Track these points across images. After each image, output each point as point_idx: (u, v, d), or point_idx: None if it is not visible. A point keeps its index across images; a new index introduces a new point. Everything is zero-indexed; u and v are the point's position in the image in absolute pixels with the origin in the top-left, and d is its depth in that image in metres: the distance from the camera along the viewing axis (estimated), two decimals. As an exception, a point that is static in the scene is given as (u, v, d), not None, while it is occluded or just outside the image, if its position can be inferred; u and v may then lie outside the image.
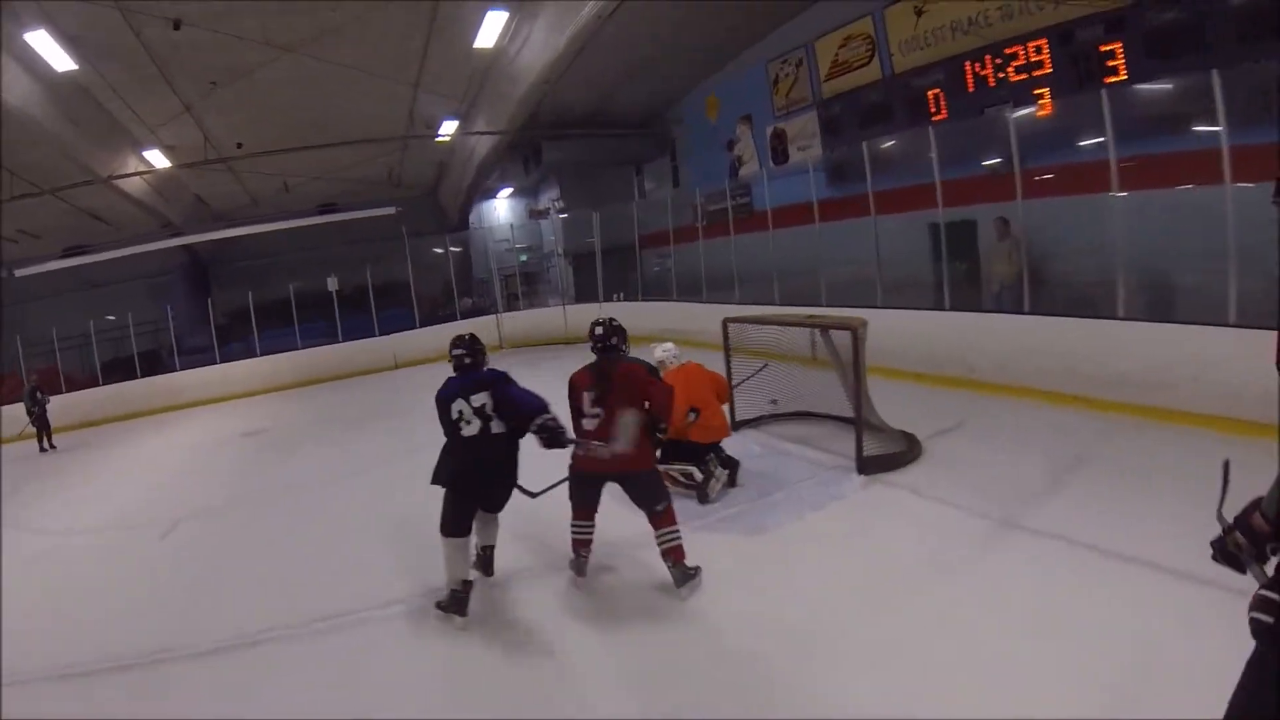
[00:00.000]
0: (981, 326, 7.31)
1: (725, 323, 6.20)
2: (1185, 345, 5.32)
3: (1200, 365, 5.13)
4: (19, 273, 15.03)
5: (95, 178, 11.93)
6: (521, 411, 3.51)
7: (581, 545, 3.77)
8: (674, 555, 3.56)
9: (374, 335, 14.97)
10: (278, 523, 5.78)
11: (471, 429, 3.54)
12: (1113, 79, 7.16)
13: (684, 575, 3.54)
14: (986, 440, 5.44)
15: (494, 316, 15.43)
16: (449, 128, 13.97)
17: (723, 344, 6.23)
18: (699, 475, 4.75)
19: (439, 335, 13.90)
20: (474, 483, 3.57)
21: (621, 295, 14.62)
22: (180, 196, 15.58)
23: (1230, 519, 1.53)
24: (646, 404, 3.59)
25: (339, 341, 14.86)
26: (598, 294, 14.80)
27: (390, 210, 16.90)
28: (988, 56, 8.34)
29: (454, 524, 3.52)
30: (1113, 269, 6.30)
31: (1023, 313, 7.10)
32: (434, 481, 3.56)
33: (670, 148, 16.69)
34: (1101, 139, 6.47)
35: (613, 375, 3.69)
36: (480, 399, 3.55)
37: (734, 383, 6.11)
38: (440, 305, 17.02)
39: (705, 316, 11.20)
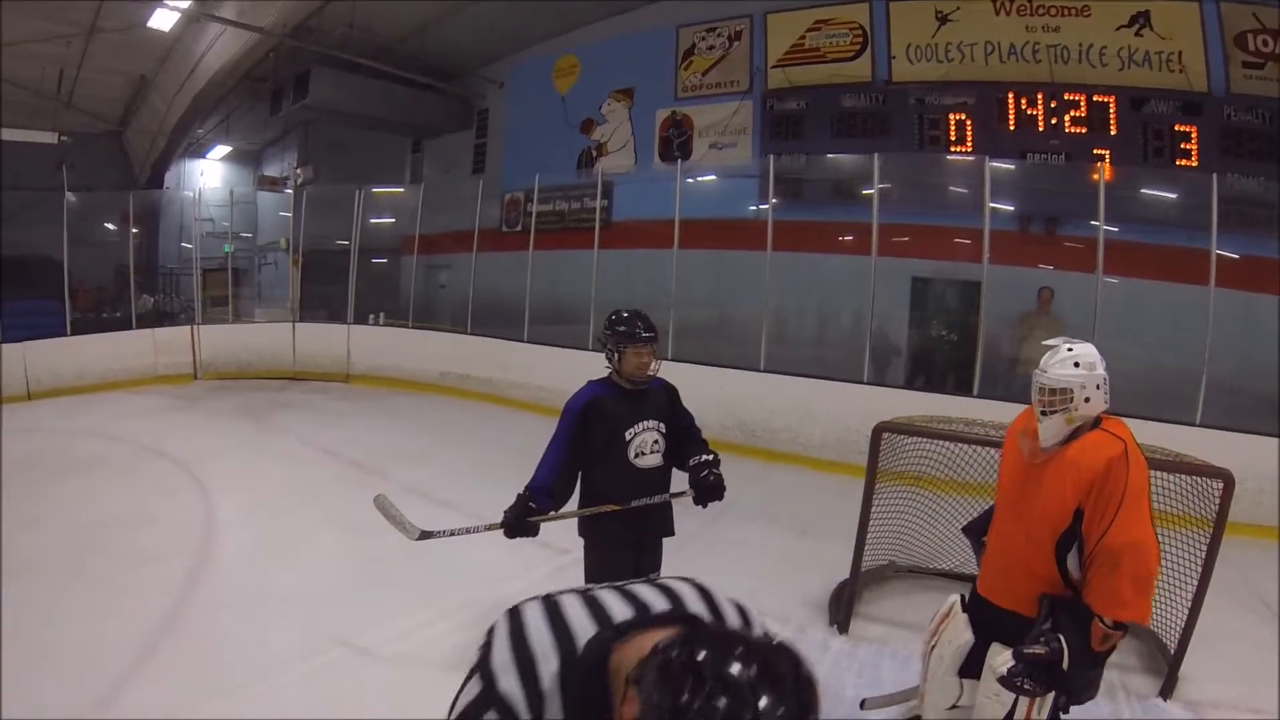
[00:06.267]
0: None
1: (878, 433, 3.39)
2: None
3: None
4: None
5: None
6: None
7: None
8: None
9: (-5, 340, 8.21)
10: None
11: (651, 460, 2.66)
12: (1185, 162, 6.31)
13: None
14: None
15: (188, 328, 9.67)
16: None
17: (867, 466, 3.43)
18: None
19: (100, 350, 8.84)
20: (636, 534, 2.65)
21: (381, 316, 10.39)
22: None
23: None
24: None
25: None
26: (346, 311, 10.12)
27: (51, 138, 11.12)
28: (1040, 94, 6.86)
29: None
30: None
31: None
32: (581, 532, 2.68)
33: (478, 119, 12.19)
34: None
35: None
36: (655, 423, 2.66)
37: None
38: (107, 303, 11.41)
39: (522, 362, 8.20)
